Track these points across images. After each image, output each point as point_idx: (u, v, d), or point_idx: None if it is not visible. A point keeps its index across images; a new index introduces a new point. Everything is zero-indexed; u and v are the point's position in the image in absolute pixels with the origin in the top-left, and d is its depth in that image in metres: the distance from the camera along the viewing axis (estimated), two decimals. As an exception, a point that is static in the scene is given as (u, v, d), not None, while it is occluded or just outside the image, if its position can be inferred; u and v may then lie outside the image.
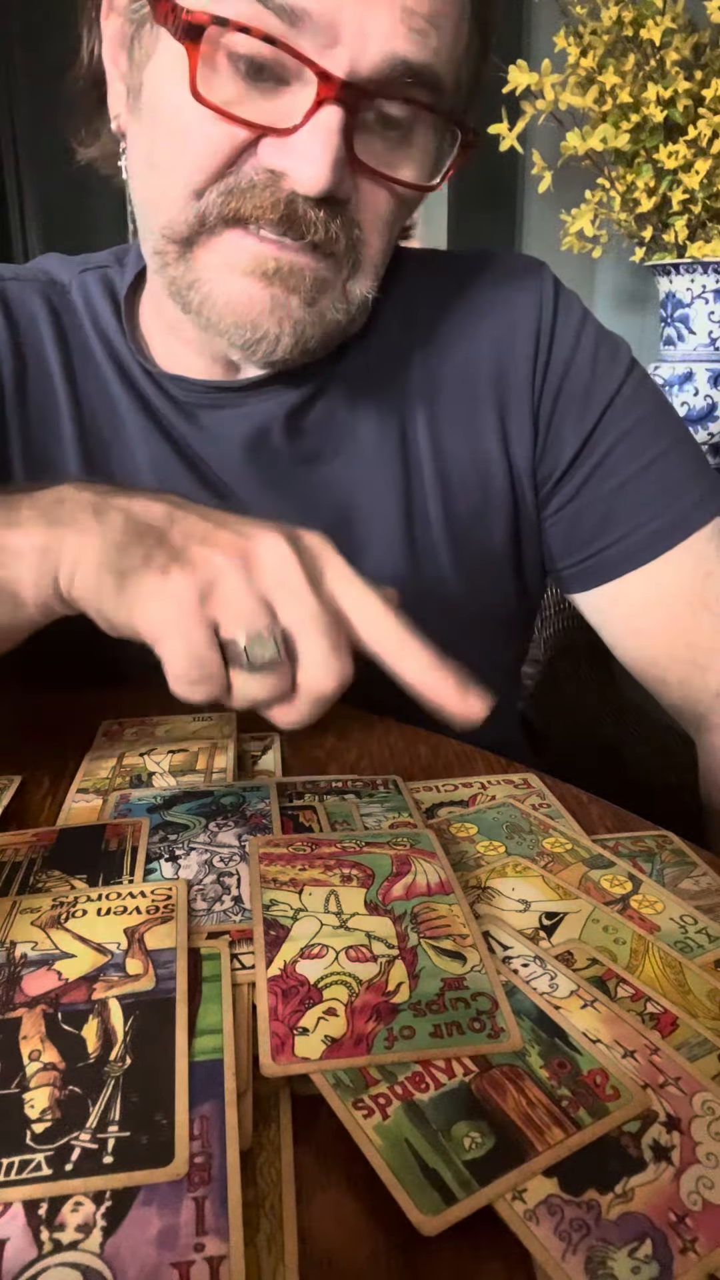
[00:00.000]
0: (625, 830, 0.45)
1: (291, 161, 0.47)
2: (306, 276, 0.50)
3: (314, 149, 0.46)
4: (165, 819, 0.43)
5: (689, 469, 0.63)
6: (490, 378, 0.62)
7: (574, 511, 0.63)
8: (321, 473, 0.62)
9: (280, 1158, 0.26)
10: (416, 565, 0.63)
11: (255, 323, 0.51)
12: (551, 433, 0.63)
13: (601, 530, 0.63)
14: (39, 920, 0.34)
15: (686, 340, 1.32)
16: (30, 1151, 0.25)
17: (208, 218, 0.50)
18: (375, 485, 0.62)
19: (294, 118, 0.46)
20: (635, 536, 0.62)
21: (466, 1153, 0.25)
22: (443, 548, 0.63)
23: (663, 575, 0.62)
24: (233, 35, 0.45)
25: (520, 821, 0.44)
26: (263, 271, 0.50)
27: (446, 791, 0.48)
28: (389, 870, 0.38)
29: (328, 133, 0.46)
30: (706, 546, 0.61)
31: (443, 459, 0.63)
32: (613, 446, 0.62)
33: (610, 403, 0.62)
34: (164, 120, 0.50)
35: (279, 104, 0.47)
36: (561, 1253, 0.23)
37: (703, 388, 1.31)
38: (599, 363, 0.62)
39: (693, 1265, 0.23)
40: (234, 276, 0.51)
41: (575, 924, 0.36)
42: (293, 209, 0.48)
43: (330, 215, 0.49)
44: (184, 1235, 0.23)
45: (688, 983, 0.33)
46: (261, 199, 0.48)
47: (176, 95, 0.47)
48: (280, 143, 0.47)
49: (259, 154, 0.48)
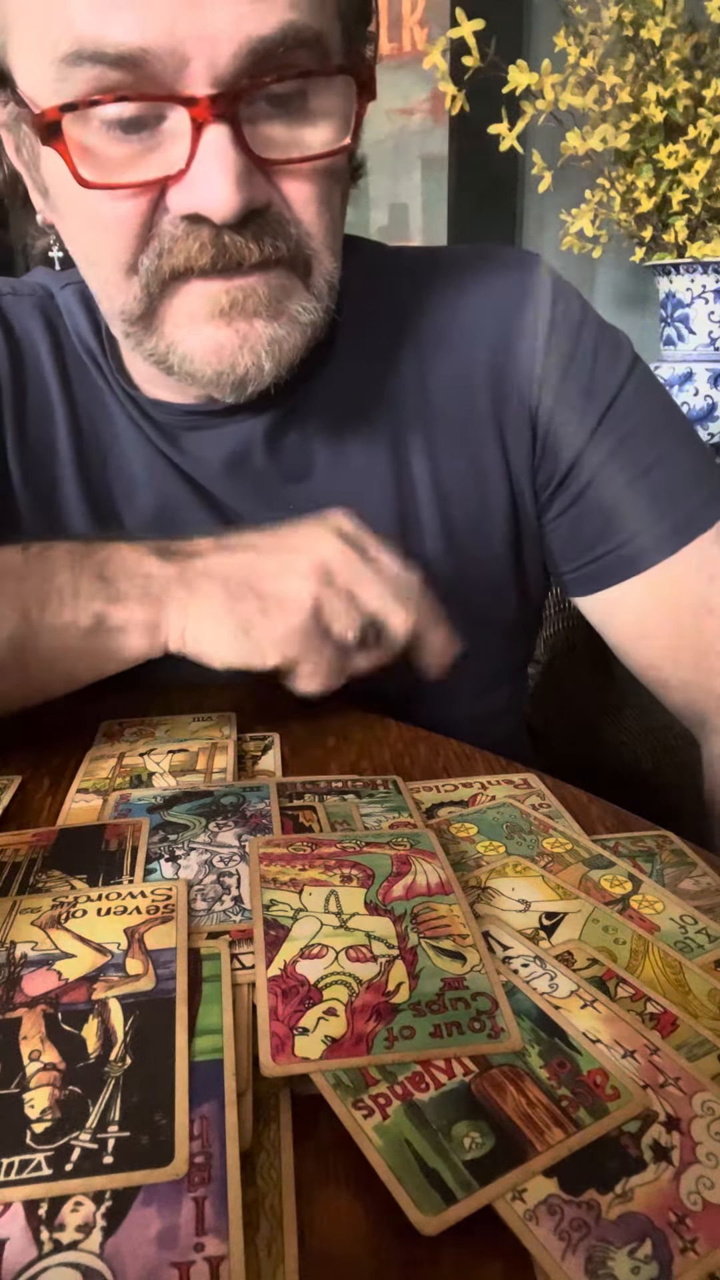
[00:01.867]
0: (625, 830, 0.45)
1: (196, 198, 0.45)
2: (261, 293, 0.49)
3: (212, 175, 0.44)
4: (165, 819, 0.43)
5: (694, 469, 0.61)
6: (486, 381, 0.61)
7: (575, 516, 0.62)
8: (311, 488, 0.61)
9: (280, 1158, 0.26)
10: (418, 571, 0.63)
11: (233, 364, 0.50)
12: (551, 436, 0.61)
13: (604, 534, 0.61)
14: (39, 920, 0.34)
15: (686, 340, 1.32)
16: (30, 1151, 0.25)
17: (150, 287, 0.49)
18: (368, 497, 0.61)
19: (184, 155, 0.44)
20: (639, 540, 0.60)
21: (466, 1153, 0.25)
22: (441, 556, 0.62)
23: (667, 579, 0.61)
24: (92, 109, 0.44)
25: (520, 821, 0.44)
26: (220, 310, 0.49)
27: (446, 791, 0.48)
28: (389, 870, 0.38)
29: (219, 154, 0.44)
30: (711, 549, 0.60)
31: (439, 468, 0.62)
32: (615, 448, 0.60)
33: (611, 403, 0.60)
34: (73, 213, 0.49)
35: (169, 147, 0.45)
36: (561, 1253, 0.23)
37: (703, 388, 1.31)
38: (600, 361, 0.61)
39: (693, 1265, 0.23)
40: (198, 326, 0.50)
41: (575, 924, 0.36)
42: (220, 244, 0.46)
43: (259, 232, 0.47)
44: (184, 1235, 0.23)
45: (688, 983, 0.33)
46: (190, 249, 0.47)
47: (71, 188, 0.46)
48: (183, 185, 0.45)
49: (169, 205, 0.46)
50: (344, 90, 0.48)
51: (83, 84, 0.43)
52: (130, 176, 0.46)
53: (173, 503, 0.62)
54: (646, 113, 1.16)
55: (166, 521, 0.62)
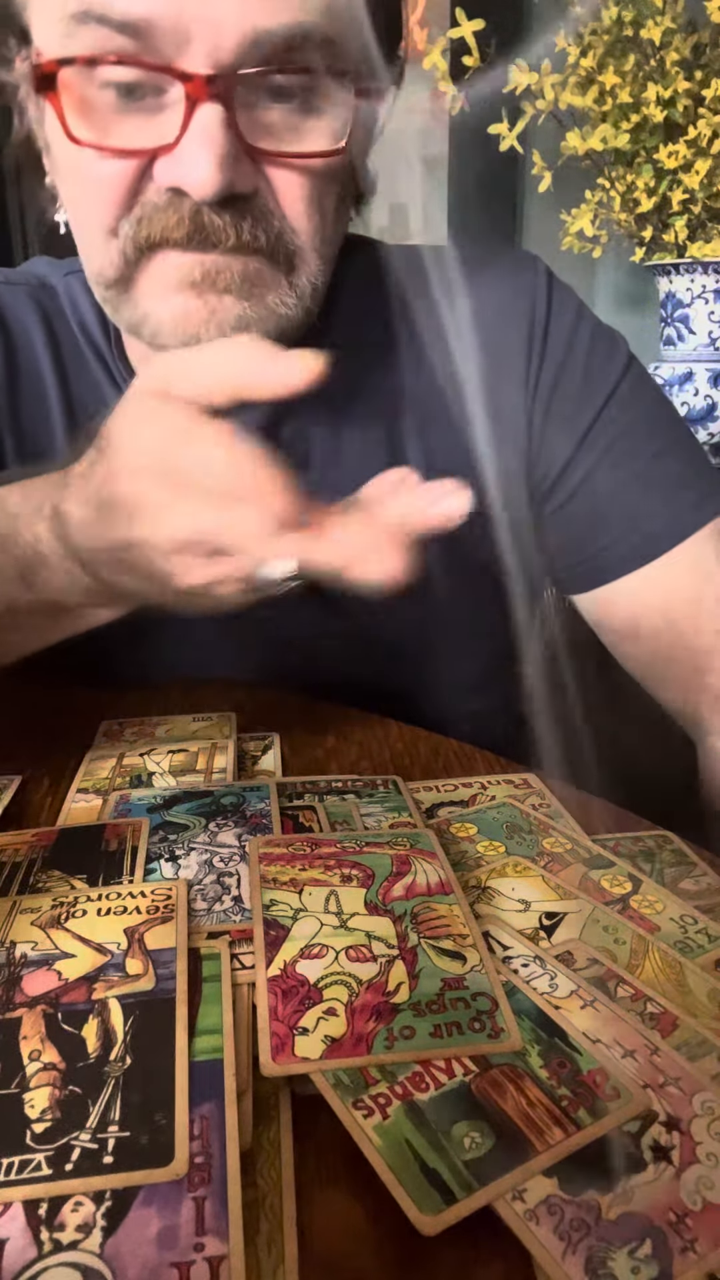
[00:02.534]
0: (625, 830, 0.45)
1: (180, 172, 0.45)
2: (235, 271, 0.49)
3: (198, 153, 0.44)
4: (165, 819, 0.43)
5: (688, 468, 0.62)
6: (481, 377, 0.61)
7: (571, 513, 0.63)
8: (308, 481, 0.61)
9: (280, 1158, 0.26)
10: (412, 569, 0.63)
11: (196, 335, 0.50)
12: (547, 433, 0.61)
13: (599, 531, 0.62)
14: (39, 920, 0.34)
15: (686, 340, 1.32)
16: (30, 1151, 0.25)
17: (127, 253, 0.49)
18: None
19: (176, 129, 0.45)
20: (633, 538, 0.61)
21: (466, 1153, 0.25)
22: (437, 553, 0.63)
23: (662, 577, 0.61)
24: (93, 68, 0.44)
25: (520, 821, 0.44)
26: (190, 282, 0.49)
27: (446, 791, 0.48)
28: (389, 870, 0.38)
29: (208, 133, 0.44)
30: (705, 547, 0.60)
31: (432, 462, 0.62)
32: (610, 446, 0.61)
33: (607, 401, 0.61)
34: (65, 170, 0.50)
35: (163, 118, 0.46)
36: (561, 1253, 0.23)
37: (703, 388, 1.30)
38: (595, 359, 0.61)
39: (693, 1265, 0.23)
40: (169, 295, 0.50)
41: (575, 924, 0.36)
42: (198, 221, 0.47)
43: (238, 215, 0.47)
44: (184, 1235, 0.23)
45: (688, 983, 0.33)
46: (167, 220, 0.47)
47: (64, 144, 0.46)
48: (171, 158, 0.46)
49: (155, 176, 0.47)
50: (349, 96, 0.48)
51: (86, 43, 0.44)
52: (122, 140, 0.46)
53: None
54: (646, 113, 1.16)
55: None
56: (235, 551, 0.38)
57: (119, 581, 0.42)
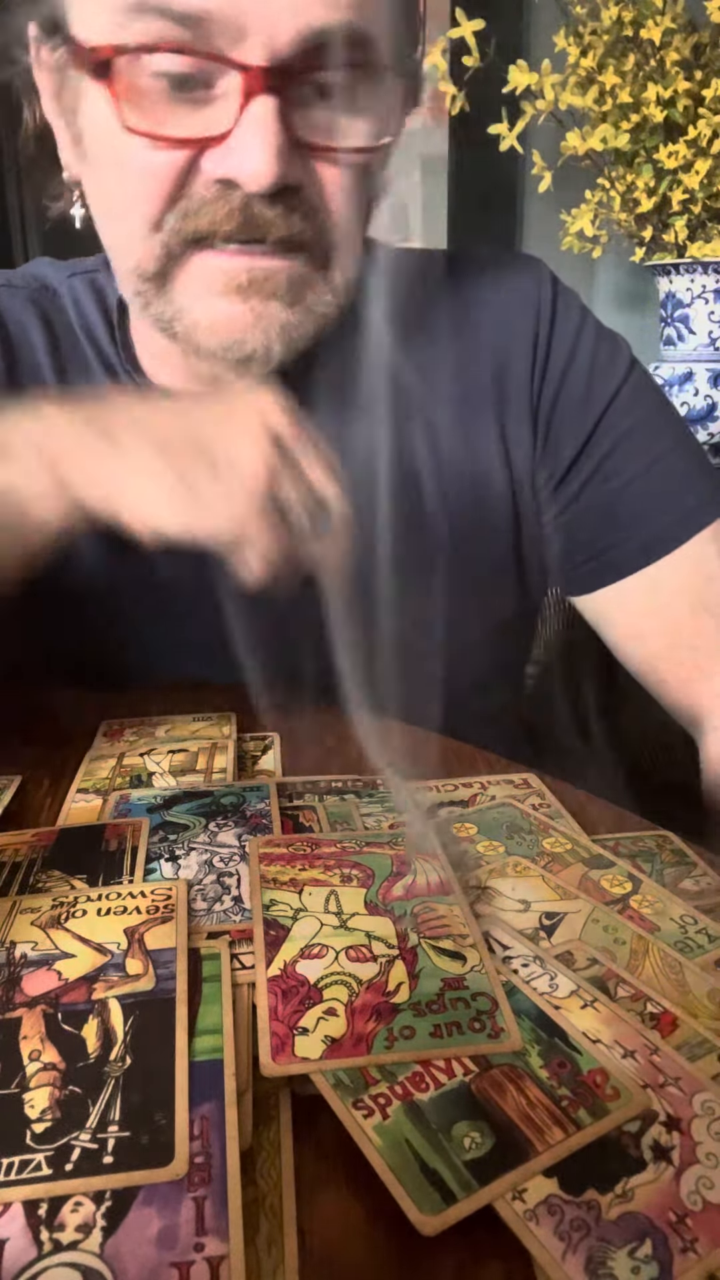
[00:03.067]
0: (625, 830, 0.45)
1: (234, 163, 0.46)
2: (282, 279, 0.49)
3: (253, 144, 0.45)
4: (165, 819, 0.43)
5: (690, 470, 0.62)
6: (488, 380, 0.62)
7: (574, 514, 0.63)
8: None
9: (280, 1158, 0.26)
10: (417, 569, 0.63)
11: (241, 340, 0.50)
12: (551, 434, 0.62)
13: (602, 533, 0.62)
14: (39, 920, 0.34)
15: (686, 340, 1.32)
16: (30, 1151, 0.25)
17: (171, 246, 0.49)
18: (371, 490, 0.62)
19: (228, 121, 0.45)
20: (636, 539, 0.61)
21: (466, 1153, 0.25)
22: (442, 552, 0.63)
23: (664, 578, 0.61)
24: (146, 57, 0.44)
25: (520, 821, 0.44)
26: (237, 286, 0.49)
27: (446, 791, 0.48)
28: (389, 870, 0.38)
29: (263, 124, 0.44)
30: (707, 549, 0.61)
31: (441, 463, 0.62)
32: (613, 448, 0.61)
33: (610, 403, 0.61)
34: (106, 160, 0.50)
35: (212, 110, 0.46)
36: (561, 1253, 0.23)
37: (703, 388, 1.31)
38: (598, 362, 0.62)
39: (693, 1265, 0.23)
40: (211, 298, 0.50)
41: (575, 924, 0.36)
42: (249, 214, 0.47)
43: (288, 209, 0.48)
44: (184, 1235, 0.23)
45: (688, 983, 0.33)
46: (216, 212, 0.47)
47: (110, 133, 0.46)
48: (221, 150, 0.46)
49: (204, 168, 0.47)
50: (389, 92, 0.49)
51: (142, 33, 0.44)
52: (172, 131, 0.46)
53: None
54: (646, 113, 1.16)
55: None
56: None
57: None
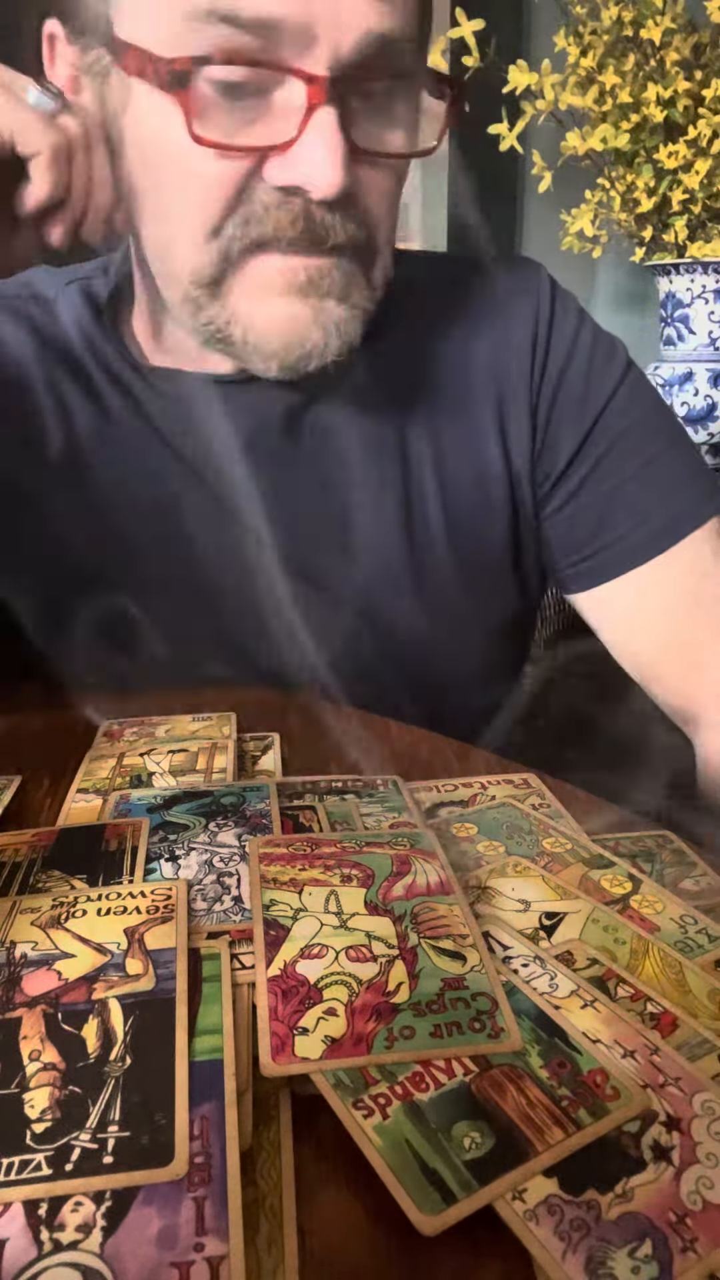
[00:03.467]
0: (625, 830, 0.45)
1: (300, 172, 0.47)
2: (336, 276, 0.51)
3: (319, 153, 0.46)
4: (165, 819, 0.43)
5: (686, 470, 0.63)
6: (488, 380, 0.62)
7: (572, 512, 0.63)
8: (319, 472, 0.62)
9: (280, 1158, 0.26)
10: (416, 566, 0.63)
11: (303, 337, 0.51)
12: (549, 434, 0.63)
13: (599, 531, 0.63)
14: (39, 920, 0.34)
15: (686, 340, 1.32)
16: (30, 1151, 0.25)
17: (231, 252, 0.50)
18: (372, 486, 0.62)
19: (288, 129, 0.46)
20: (632, 537, 0.62)
21: (466, 1153, 0.25)
22: (442, 548, 0.63)
23: (660, 576, 0.62)
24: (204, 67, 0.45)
25: (520, 821, 0.44)
26: (297, 287, 0.50)
27: (446, 791, 0.48)
28: (389, 870, 0.38)
29: (329, 133, 0.45)
30: (702, 547, 0.61)
31: (441, 461, 0.63)
32: (610, 447, 0.62)
33: (607, 404, 0.62)
34: (163, 169, 0.50)
35: (269, 120, 0.47)
36: (561, 1253, 0.23)
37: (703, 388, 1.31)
38: (596, 364, 0.62)
39: (693, 1265, 0.23)
40: (271, 299, 0.51)
41: (575, 924, 0.36)
42: (310, 220, 0.48)
43: (345, 214, 0.49)
44: (184, 1235, 0.23)
45: (688, 983, 0.33)
46: (279, 219, 0.48)
47: (170, 142, 0.47)
48: (285, 158, 0.47)
49: (265, 175, 0.48)
50: (425, 97, 0.51)
51: (208, 41, 0.45)
52: (234, 140, 0.47)
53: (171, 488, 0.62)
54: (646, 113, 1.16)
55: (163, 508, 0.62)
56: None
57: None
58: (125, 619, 0.64)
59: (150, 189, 0.51)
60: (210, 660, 0.65)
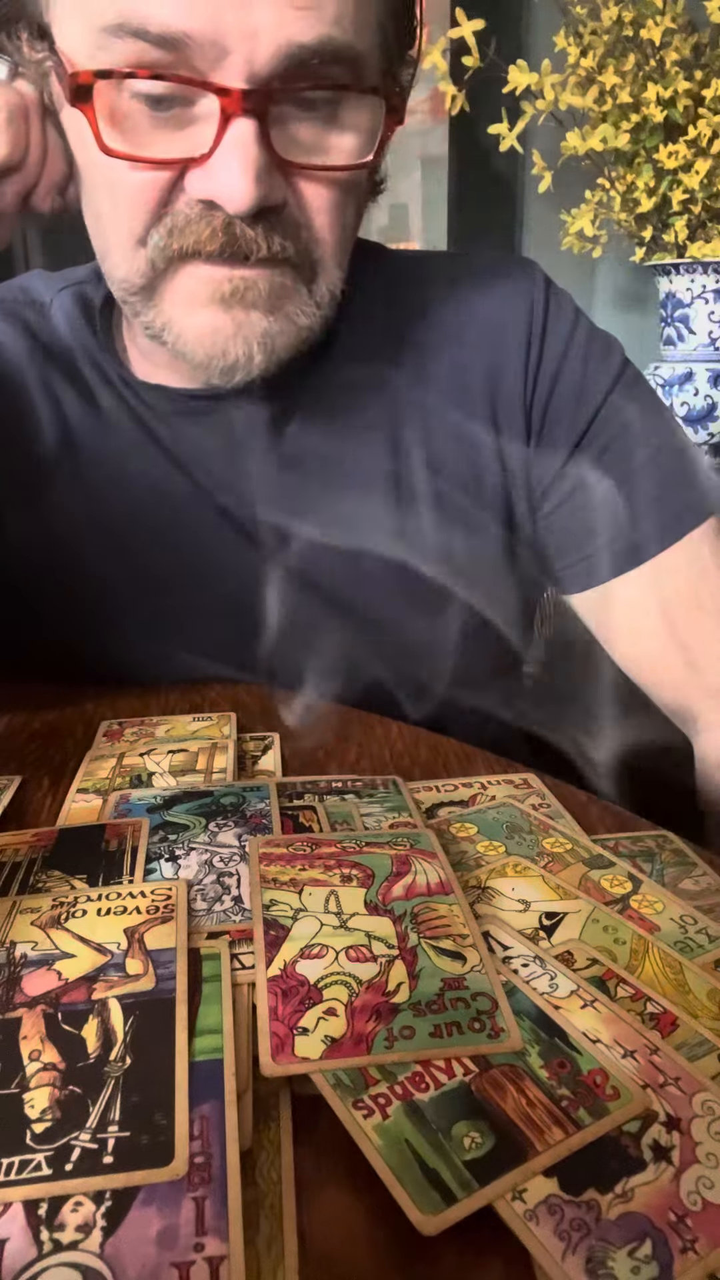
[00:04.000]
0: (625, 830, 0.45)
1: (215, 185, 0.46)
2: (263, 287, 0.49)
3: (232, 167, 0.45)
4: (165, 819, 0.43)
5: (682, 468, 0.62)
6: (482, 380, 0.62)
7: (568, 513, 0.63)
8: (310, 476, 0.62)
9: (280, 1158, 0.26)
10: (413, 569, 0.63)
11: (225, 350, 0.50)
12: (544, 434, 0.62)
13: (595, 531, 0.62)
14: (39, 920, 0.34)
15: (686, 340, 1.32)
16: (30, 1151, 0.25)
17: (156, 262, 0.49)
18: (365, 488, 0.62)
19: (208, 141, 0.45)
20: (630, 537, 0.61)
21: (466, 1153, 0.25)
22: (439, 549, 0.63)
23: (657, 576, 0.62)
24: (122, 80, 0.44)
25: (520, 821, 0.44)
26: (220, 297, 0.49)
27: (446, 791, 0.48)
28: (389, 870, 0.38)
29: (242, 147, 0.44)
30: (700, 547, 0.61)
31: (436, 462, 0.62)
32: (606, 447, 0.61)
33: (603, 403, 0.61)
34: (89, 176, 0.50)
35: (193, 130, 0.46)
36: (561, 1253, 0.23)
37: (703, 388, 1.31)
38: (591, 363, 0.62)
39: (693, 1265, 0.23)
40: (196, 308, 0.50)
41: (575, 924, 0.36)
42: (231, 234, 0.47)
43: (270, 228, 0.48)
44: (184, 1235, 0.23)
45: (688, 983, 0.33)
46: (199, 231, 0.47)
47: (92, 150, 0.46)
48: (203, 171, 0.46)
49: (186, 187, 0.47)
50: (373, 109, 0.49)
51: (121, 55, 0.44)
52: (153, 151, 0.46)
53: (166, 491, 0.62)
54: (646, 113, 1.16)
55: (159, 513, 0.62)
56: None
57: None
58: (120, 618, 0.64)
59: (86, 194, 0.52)
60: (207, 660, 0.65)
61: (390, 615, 0.64)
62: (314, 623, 0.63)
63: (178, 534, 0.62)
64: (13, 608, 0.65)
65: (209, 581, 0.63)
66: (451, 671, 0.68)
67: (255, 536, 0.62)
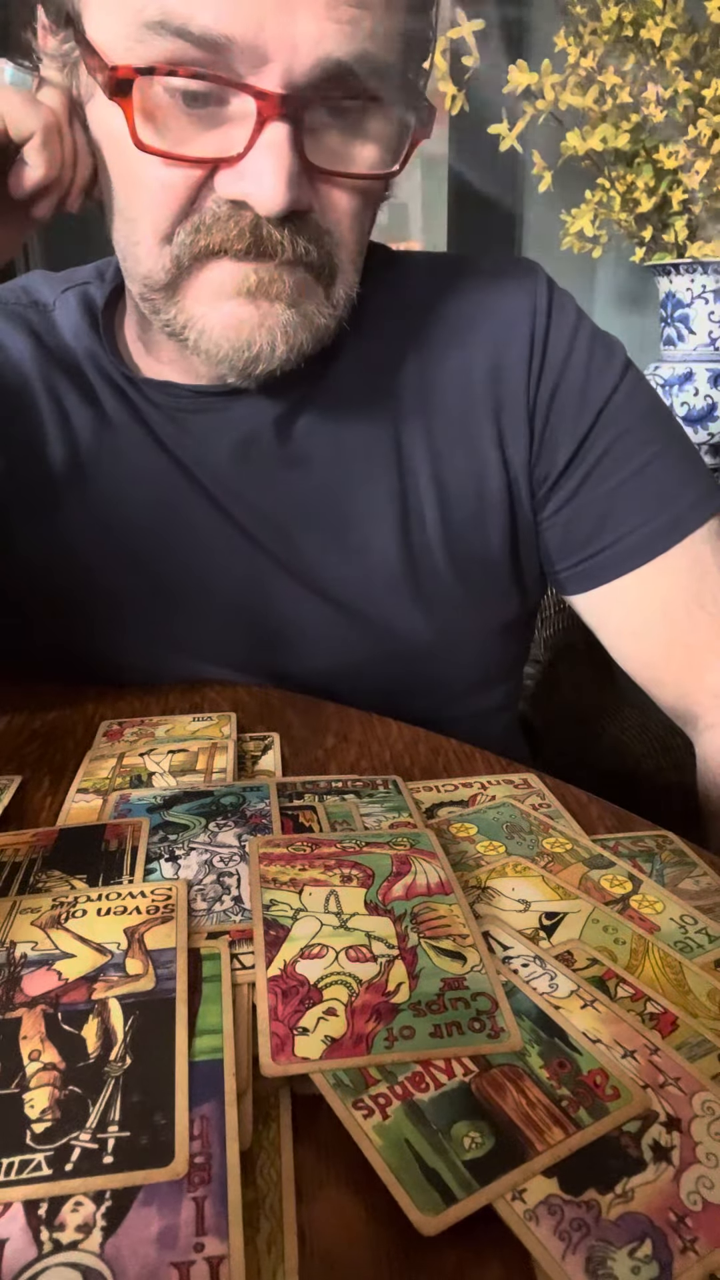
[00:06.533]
0: (625, 830, 0.45)
1: (246, 186, 0.46)
2: (286, 281, 0.50)
3: (265, 169, 0.45)
4: (165, 819, 0.43)
5: (685, 470, 0.62)
6: (485, 381, 0.62)
7: (570, 513, 0.63)
8: (314, 477, 0.62)
9: (280, 1158, 0.26)
10: (414, 568, 0.63)
11: (249, 340, 0.51)
12: (547, 435, 0.62)
13: (598, 532, 0.62)
14: (39, 920, 0.34)
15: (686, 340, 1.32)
16: (30, 1151, 0.25)
17: (181, 260, 0.49)
18: (370, 489, 0.62)
19: (241, 142, 0.45)
20: (631, 538, 0.61)
21: (466, 1153, 0.25)
22: (440, 550, 0.63)
23: (659, 576, 0.62)
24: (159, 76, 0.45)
25: (520, 821, 0.44)
26: (246, 290, 0.50)
27: (446, 791, 0.48)
28: (389, 870, 0.38)
29: (276, 150, 0.45)
30: (702, 548, 0.61)
31: (439, 462, 0.62)
32: (608, 448, 0.62)
33: (605, 405, 0.62)
34: (118, 169, 0.50)
35: (226, 129, 0.46)
36: (561, 1253, 0.23)
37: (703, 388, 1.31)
38: (594, 365, 0.62)
39: (693, 1265, 0.23)
40: (221, 301, 0.51)
41: (575, 924, 0.36)
42: (258, 234, 0.48)
43: (296, 231, 0.48)
44: (184, 1235, 0.23)
45: (688, 983, 0.33)
46: (227, 230, 0.48)
47: (123, 144, 0.47)
48: (234, 171, 0.46)
49: (216, 186, 0.48)
50: (400, 120, 0.49)
51: (159, 51, 0.44)
52: (185, 148, 0.47)
53: (170, 494, 0.62)
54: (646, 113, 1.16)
55: (163, 514, 0.62)
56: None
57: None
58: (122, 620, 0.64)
59: (114, 186, 0.52)
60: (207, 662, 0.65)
61: (394, 617, 0.64)
62: (316, 623, 0.63)
63: (181, 536, 0.62)
64: (15, 611, 0.65)
65: (212, 582, 0.63)
66: (452, 672, 0.68)
67: (258, 537, 0.62)
